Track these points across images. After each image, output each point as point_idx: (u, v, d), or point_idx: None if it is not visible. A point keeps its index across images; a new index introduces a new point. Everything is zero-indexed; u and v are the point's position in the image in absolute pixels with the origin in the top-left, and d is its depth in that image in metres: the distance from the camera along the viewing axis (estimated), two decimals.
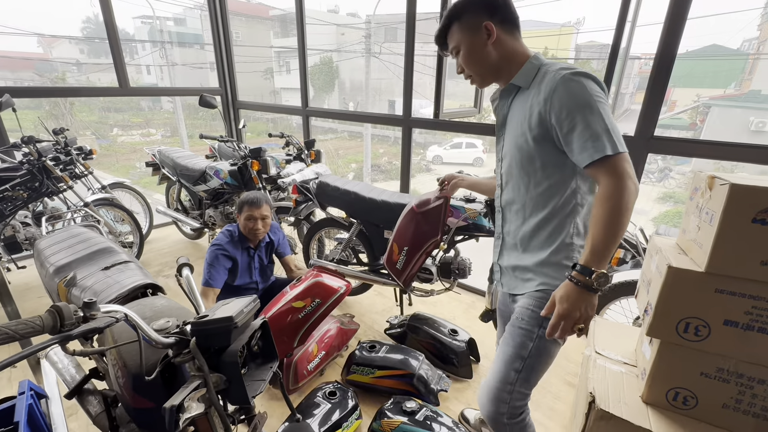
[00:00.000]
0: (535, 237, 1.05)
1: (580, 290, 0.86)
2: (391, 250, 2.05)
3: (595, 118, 0.87)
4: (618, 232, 0.85)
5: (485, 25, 0.99)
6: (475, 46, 1.02)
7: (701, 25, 13.69)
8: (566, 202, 1.00)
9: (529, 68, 1.00)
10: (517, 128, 1.03)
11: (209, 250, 2.01)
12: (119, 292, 1.21)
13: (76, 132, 15.71)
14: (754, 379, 1.03)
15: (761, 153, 1.69)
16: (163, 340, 0.81)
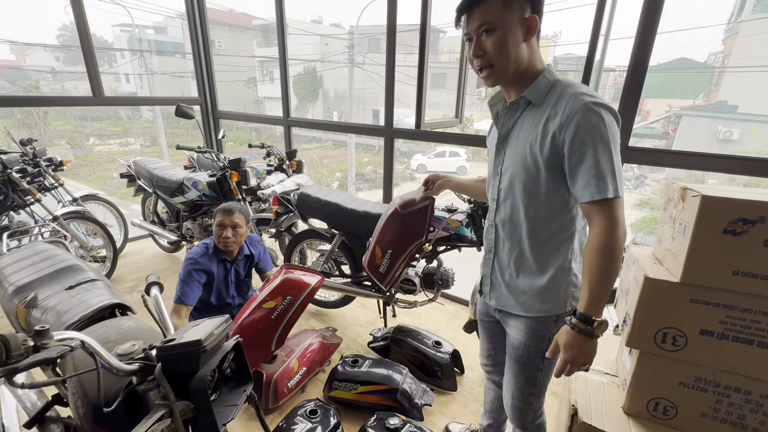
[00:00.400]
0: (533, 259, 1.03)
1: (582, 338, 0.89)
2: (373, 253, 1.99)
3: (605, 157, 0.85)
4: (613, 279, 0.88)
5: (532, 18, 0.88)
6: (516, 35, 0.89)
7: (671, 40, 14.35)
8: (565, 227, 1.00)
9: (543, 83, 0.94)
10: (524, 147, 0.97)
11: (183, 265, 1.95)
12: (83, 313, 1.14)
13: (50, 141, 15.21)
14: (731, 387, 1.04)
15: (728, 163, 1.76)
16: (125, 367, 0.76)
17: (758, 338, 0.98)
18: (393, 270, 1.99)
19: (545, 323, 1.06)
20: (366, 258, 2.04)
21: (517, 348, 1.12)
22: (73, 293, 1.25)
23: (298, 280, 1.82)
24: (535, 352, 1.08)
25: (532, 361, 1.10)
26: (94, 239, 3.03)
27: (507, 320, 1.15)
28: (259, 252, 2.22)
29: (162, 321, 1.01)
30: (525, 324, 1.08)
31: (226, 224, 1.98)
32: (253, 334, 1.71)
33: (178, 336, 0.82)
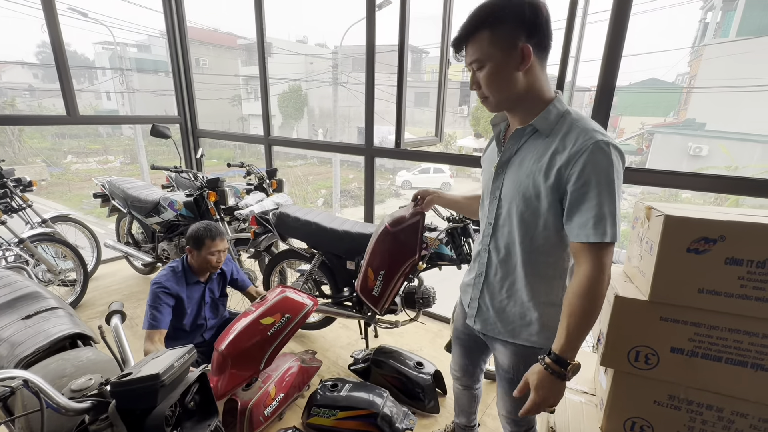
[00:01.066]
0: (526, 290, 1.02)
1: (554, 379, 0.87)
2: (365, 276, 1.90)
3: (608, 200, 0.84)
4: (593, 323, 0.87)
5: (522, 47, 0.85)
6: (505, 68, 0.88)
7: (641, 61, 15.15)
8: (557, 263, 0.99)
9: (553, 113, 0.91)
10: (526, 176, 0.94)
11: (150, 290, 1.83)
12: (39, 345, 1.08)
13: (25, 159, 14.76)
14: (703, 405, 1.05)
15: (696, 181, 1.82)
16: (74, 405, 0.71)
17: (725, 355, 0.99)
18: (387, 292, 1.89)
19: (536, 353, 0.99)
20: (358, 282, 1.95)
21: (507, 371, 1.12)
22: (30, 323, 1.19)
23: (297, 300, 1.80)
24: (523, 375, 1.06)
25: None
26: (64, 262, 2.91)
27: (494, 344, 1.14)
28: (231, 269, 2.15)
29: (122, 353, 0.96)
30: (513, 351, 1.08)
31: (220, 249, 1.92)
32: (246, 348, 1.65)
33: (135, 370, 0.78)
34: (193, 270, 1.95)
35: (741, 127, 11.55)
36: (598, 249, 0.84)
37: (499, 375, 1.18)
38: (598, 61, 2.00)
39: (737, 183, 1.74)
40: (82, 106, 3.21)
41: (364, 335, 2.38)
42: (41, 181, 13.19)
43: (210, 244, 1.90)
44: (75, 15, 13.36)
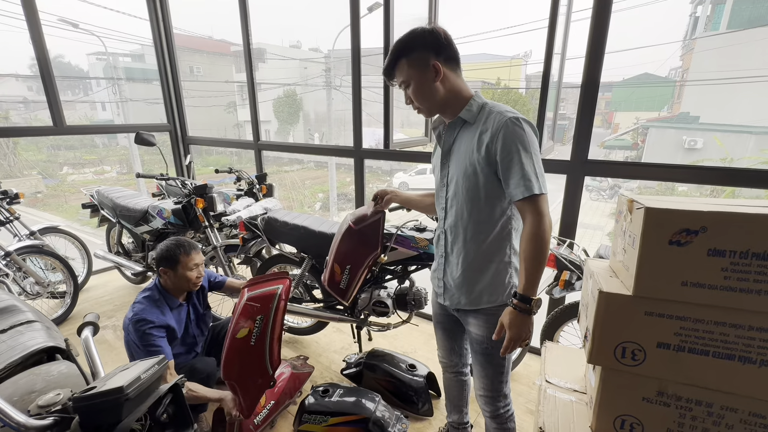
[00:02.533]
0: (478, 257, 1.18)
1: (522, 316, 1.07)
2: (332, 271, 1.98)
3: (528, 162, 1.03)
4: (544, 261, 1.06)
5: (433, 64, 1.07)
6: (424, 83, 1.10)
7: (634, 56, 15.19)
8: (503, 226, 1.15)
9: (474, 105, 1.12)
10: (464, 159, 1.13)
11: (133, 332, 1.60)
12: (11, 360, 1.05)
13: (20, 172, 14.73)
14: (692, 400, 1.02)
15: (687, 173, 1.80)
16: (34, 423, 0.69)
17: (712, 348, 0.97)
18: (353, 284, 1.98)
19: (496, 313, 1.16)
20: (325, 276, 2.02)
21: (481, 342, 1.24)
22: (3, 337, 1.16)
23: (262, 294, 1.69)
24: (497, 343, 1.16)
25: (496, 351, 1.19)
26: (53, 274, 2.88)
27: (466, 318, 1.27)
28: (206, 276, 1.97)
29: (92, 365, 0.93)
30: (483, 319, 1.22)
31: (198, 263, 1.78)
32: (241, 367, 1.62)
33: (101, 383, 0.75)
34: (171, 292, 1.76)
35: (734, 118, 11.57)
36: (531, 201, 1.04)
37: (474, 352, 1.29)
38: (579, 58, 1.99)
39: (732, 174, 1.73)
40: (77, 116, 3.22)
41: (357, 338, 2.35)
42: (37, 193, 13.16)
43: (185, 259, 1.73)
44: (66, 26, 13.35)
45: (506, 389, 1.33)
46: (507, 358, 1.26)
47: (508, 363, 1.29)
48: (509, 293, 1.19)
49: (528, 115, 1.10)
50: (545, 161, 2.14)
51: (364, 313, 2.23)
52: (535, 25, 8.53)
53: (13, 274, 2.50)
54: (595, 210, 12.00)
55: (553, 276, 1.98)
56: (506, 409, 1.35)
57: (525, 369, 2.26)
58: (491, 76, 21.32)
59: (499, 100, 17.90)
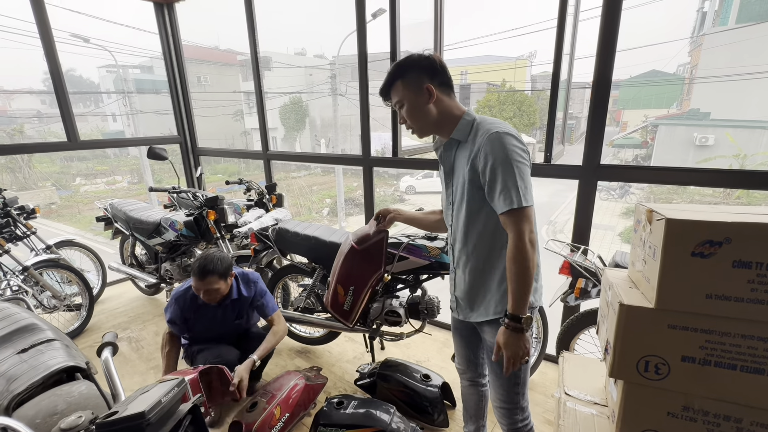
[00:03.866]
0: (482, 270, 1.20)
1: (516, 335, 1.08)
2: (335, 292, 1.97)
3: (509, 175, 1.04)
4: (529, 280, 1.06)
5: (426, 87, 1.12)
6: (418, 105, 1.14)
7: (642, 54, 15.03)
8: (500, 237, 1.16)
9: (464, 124, 1.15)
10: (462, 176, 1.17)
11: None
12: (32, 380, 1.06)
13: (35, 184, 15.05)
14: (720, 415, 0.99)
15: (702, 176, 1.77)
16: None
17: (740, 362, 0.94)
18: (357, 305, 1.97)
19: None
20: (328, 298, 2.01)
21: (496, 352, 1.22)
22: (25, 357, 1.17)
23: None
24: None
25: None
26: (69, 287, 2.92)
27: (482, 328, 1.27)
28: (254, 292, 2.04)
29: (113, 387, 0.94)
30: (496, 328, 1.18)
31: (200, 288, 1.85)
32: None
33: (122, 407, 0.76)
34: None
35: (747, 114, 11.36)
36: (511, 216, 1.05)
37: (489, 361, 1.28)
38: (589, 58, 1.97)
39: (747, 177, 1.69)
40: (89, 128, 3.29)
41: (370, 348, 2.34)
42: (51, 204, 13.42)
43: (194, 281, 1.85)
44: (77, 41, 13.68)
45: (523, 402, 1.30)
46: (523, 369, 1.25)
47: (525, 374, 1.27)
48: None
49: (534, 116, 1.10)
50: (557, 167, 2.12)
51: (377, 322, 2.22)
52: (540, 25, 8.50)
53: (32, 289, 2.55)
54: (605, 210, 11.85)
55: (567, 284, 1.95)
56: (524, 423, 1.32)
57: (541, 377, 2.23)
58: (496, 77, 21.27)
59: (504, 101, 17.71)
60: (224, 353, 1.94)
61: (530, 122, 18.47)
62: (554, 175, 2.12)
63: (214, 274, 1.83)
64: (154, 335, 2.83)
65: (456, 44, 17.24)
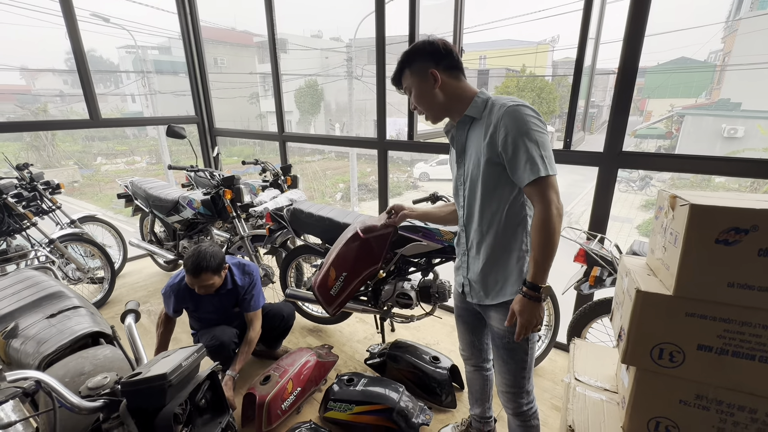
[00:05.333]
0: (497, 249, 1.19)
1: (533, 303, 1.09)
2: (326, 274, 1.89)
3: (532, 145, 1.03)
4: (554, 250, 1.06)
5: (431, 72, 1.13)
6: (424, 90, 1.16)
7: (671, 40, 14.33)
8: (516, 214, 1.15)
9: (478, 102, 1.14)
10: (476, 153, 1.15)
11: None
12: (61, 343, 1.12)
13: (58, 162, 15.49)
14: (734, 405, 0.98)
15: (728, 165, 1.70)
16: (86, 405, 0.73)
17: (760, 353, 0.92)
18: (343, 294, 1.90)
19: None
20: (317, 278, 1.94)
21: (503, 336, 1.24)
22: (53, 321, 1.23)
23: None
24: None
25: (519, 345, 1.22)
26: (92, 261, 3.03)
27: (488, 313, 1.27)
28: (246, 285, 2.03)
29: (135, 350, 0.98)
30: (504, 313, 1.20)
31: (199, 285, 1.85)
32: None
33: (145, 369, 0.79)
34: None
35: None
36: (537, 185, 1.03)
37: (495, 346, 1.30)
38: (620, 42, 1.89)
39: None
40: (109, 108, 3.34)
41: (380, 329, 2.38)
42: (74, 182, 13.82)
43: (190, 279, 1.84)
44: (98, 21, 13.81)
45: (529, 386, 1.31)
46: (529, 354, 1.25)
47: (531, 359, 1.27)
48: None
49: (554, 104, 1.08)
50: (577, 153, 2.07)
51: (388, 304, 2.24)
52: (565, 8, 8.16)
53: (58, 261, 2.65)
54: (624, 201, 11.56)
55: (582, 272, 1.93)
56: (529, 407, 1.33)
57: (550, 365, 2.23)
58: (516, 63, 20.67)
59: (524, 87, 17.24)
60: (219, 334, 1.95)
61: (549, 110, 17.98)
62: (573, 161, 2.07)
63: (207, 271, 1.82)
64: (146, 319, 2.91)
65: (476, 27, 16.73)
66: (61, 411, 0.82)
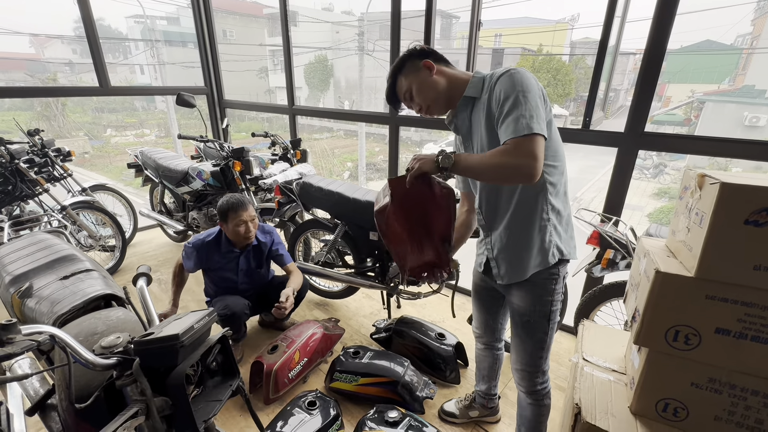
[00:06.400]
0: (517, 221, 1.15)
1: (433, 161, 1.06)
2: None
3: (523, 106, 0.97)
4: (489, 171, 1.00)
5: (424, 63, 1.14)
6: (423, 80, 1.15)
7: (695, 20, 13.63)
8: (532, 186, 1.08)
9: (475, 81, 1.13)
10: (483, 129, 1.11)
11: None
12: (75, 303, 1.13)
13: (69, 133, 15.56)
14: (748, 390, 0.97)
15: (753, 149, 1.64)
16: (100, 361, 0.74)
17: None
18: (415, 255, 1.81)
19: (545, 287, 1.17)
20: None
21: (523, 314, 1.23)
22: (67, 283, 1.25)
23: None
24: (540, 316, 1.19)
25: (538, 324, 1.20)
26: (104, 229, 3.07)
27: (510, 290, 1.25)
28: (272, 241, 2.16)
29: (147, 313, 0.98)
30: (527, 290, 1.19)
31: (245, 220, 1.97)
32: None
33: (158, 330, 0.80)
34: (230, 240, 2.03)
35: None
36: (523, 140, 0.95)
37: (514, 324, 1.28)
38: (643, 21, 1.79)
39: None
40: (118, 80, 3.29)
41: (387, 305, 2.39)
42: (84, 153, 13.92)
43: (233, 216, 1.95)
44: None
45: (545, 365, 1.30)
46: (549, 334, 1.23)
47: (550, 339, 1.25)
48: (549, 256, 1.13)
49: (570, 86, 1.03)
50: (596, 133, 2.01)
51: (395, 280, 2.25)
52: None
53: (71, 227, 2.68)
54: (636, 189, 11.36)
55: (594, 255, 1.90)
56: (543, 386, 1.32)
57: (555, 346, 2.23)
58: (533, 41, 19.97)
59: (539, 68, 16.69)
60: (231, 304, 1.98)
61: (565, 92, 17.45)
62: (592, 141, 2.01)
63: (249, 204, 1.98)
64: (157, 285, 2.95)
65: (495, 2, 16.05)
66: (75, 367, 0.83)
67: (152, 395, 0.74)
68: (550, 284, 1.17)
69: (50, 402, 1.24)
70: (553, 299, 1.19)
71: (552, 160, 1.09)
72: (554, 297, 1.18)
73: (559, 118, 16.74)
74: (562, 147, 1.13)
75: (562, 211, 1.15)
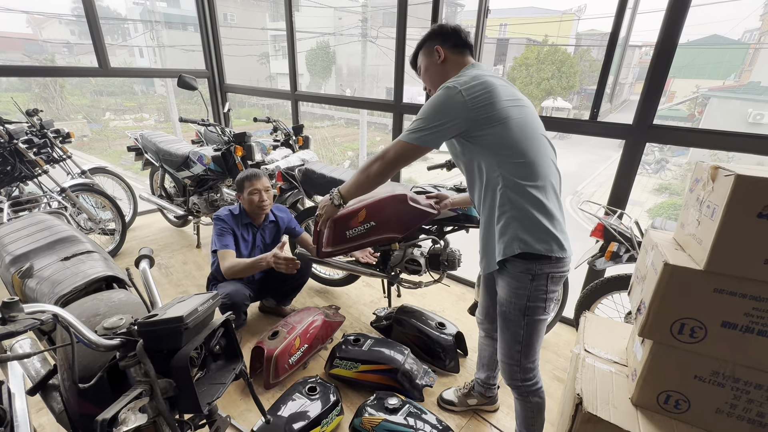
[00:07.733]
0: (484, 215, 1.24)
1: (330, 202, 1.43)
2: (354, 213, 1.77)
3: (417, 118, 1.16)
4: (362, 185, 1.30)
5: (436, 48, 1.26)
6: (429, 65, 1.29)
7: (702, 14, 13.46)
8: (489, 179, 1.18)
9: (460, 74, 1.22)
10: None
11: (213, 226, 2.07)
12: (76, 285, 1.12)
13: (67, 116, 15.40)
14: (751, 383, 0.97)
15: (760, 143, 1.61)
16: (103, 342, 0.73)
17: None
18: (349, 244, 1.83)
19: (521, 281, 1.17)
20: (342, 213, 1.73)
21: (501, 304, 1.26)
22: (68, 264, 1.23)
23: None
24: (515, 309, 1.20)
25: (514, 317, 1.22)
26: (103, 212, 3.05)
27: (497, 280, 1.28)
28: (285, 218, 2.24)
29: (150, 295, 0.97)
30: (506, 282, 1.21)
31: (259, 188, 2.03)
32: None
33: (161, 312, 0.79)
34: (248, 214, 2.11)
35: None
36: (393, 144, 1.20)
37: (498, 313, 1.29)
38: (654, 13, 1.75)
39: None
40: (116, 62, 3.21)
41: (387, 294, 2.39)
42: (83, 137, 13.80)
43: (248, 185, 2.03)
44: None
45: (526, 362, 1.25)
46: (525, 330, 1.20)
47: (527, 335, 1.21)
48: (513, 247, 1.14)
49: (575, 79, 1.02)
50: (603, 124, 1.98)
51: (396, 269, 2.24)
52: None
53: (70, 209, 2.66)
54: (636, 184, 11.30)
55: (597, 247, 1.89)
56: (525, 383, 1.28)
57: (555, 338, 2.25)
58: (538, 32, 19.69)
59: (544, 60, 16.49)
60: (233, 294, 1.94)
61: (569, 85, 17.27)
62: (599, 133, 1.99)
63: (264, 176, 2.07)
64: (182, 264, 2.97)
65: None
66: (78, 347, 0.82)
67: (156, 377, 0.73)
68: (525, 278, 1.15)
69: (52, 382, 1.24)
70: (531, 295, 1.15)
71: (509, 157, 1.12)
72: (532, 293, 1.15)
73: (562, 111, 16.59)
74: (527, 142, 1.12)
75: (529, 205, 1.11)
